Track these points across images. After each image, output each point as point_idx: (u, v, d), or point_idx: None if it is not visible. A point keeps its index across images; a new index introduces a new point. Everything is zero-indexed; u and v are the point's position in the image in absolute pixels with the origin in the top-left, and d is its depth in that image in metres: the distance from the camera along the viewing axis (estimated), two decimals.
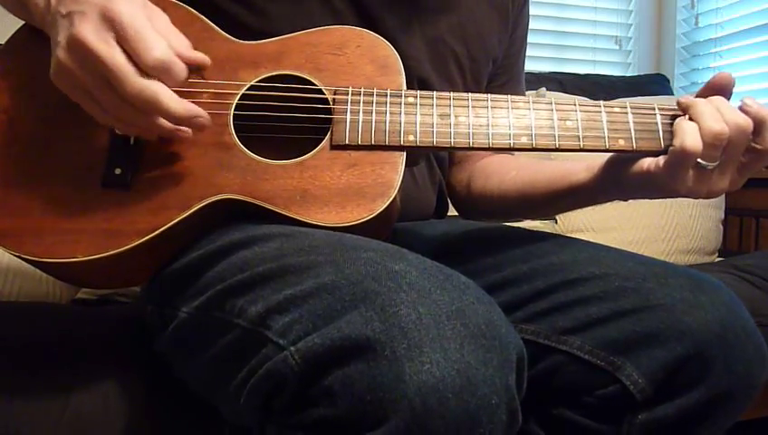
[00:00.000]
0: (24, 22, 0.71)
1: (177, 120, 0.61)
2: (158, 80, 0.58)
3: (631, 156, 0.68)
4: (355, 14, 0.78)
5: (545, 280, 0.67)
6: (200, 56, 0.64)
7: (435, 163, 0.91)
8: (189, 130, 0.63)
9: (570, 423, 0.65)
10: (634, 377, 0.61)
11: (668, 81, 2.05)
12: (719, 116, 0.63)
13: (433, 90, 0.81)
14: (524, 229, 0.80)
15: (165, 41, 0.59)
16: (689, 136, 0.63)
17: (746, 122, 0.63)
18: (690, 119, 0.64)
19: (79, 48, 0.57)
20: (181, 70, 0.60)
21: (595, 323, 0.63)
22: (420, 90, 0.80)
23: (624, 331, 0.62)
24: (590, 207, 1.60)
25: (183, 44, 0.62)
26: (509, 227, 0.83)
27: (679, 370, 0.60)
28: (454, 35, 0.84)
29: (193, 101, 0.62)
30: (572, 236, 1.51)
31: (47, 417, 0.70)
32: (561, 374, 0.65)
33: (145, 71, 0.58)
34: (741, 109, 0.65)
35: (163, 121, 0.61)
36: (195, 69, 0.64)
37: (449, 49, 0.84)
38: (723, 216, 1.71)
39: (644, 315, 0.61)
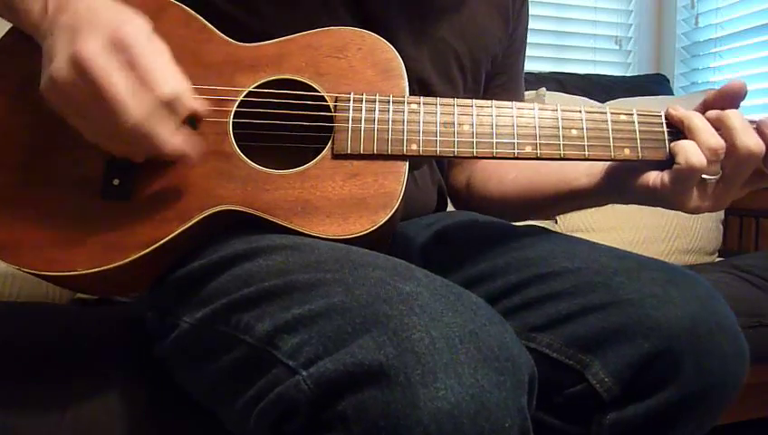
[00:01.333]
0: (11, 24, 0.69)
1: (168, 157, 0.60)
2: (162, 113, 0.57)
3: (635, 165, 0.67)
4: (355, 14, 0.77)
5: (518, 274, 0.66)
6: (200, 105, 0.61)
7: (435, 163, 0.91)
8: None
9: (539, 423, 0.63)
10: (600, 375, 0.60)
11: (668, 81, 2.05)
12: (714, 131, 0.63)
13: (433, 90, 0.80)
14: (508, 224, 0.79)
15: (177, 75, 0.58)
16: (693, 153, 0.62)
17: (759, 148, 0.62)
18: (685, 135, 0.64)
19: (80, 66, 0.54)
20: (185, 108, 0.59)
21: (564, 320, 0.62)
22: (420, 90, 0.78)
23: (592, 327, 0.61)
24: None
25: (186, 87, 0.60)
26: (498, 220, 0.82)
27: (647, 368, 0.59)
28: (455, 35, 0.83)
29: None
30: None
31: (47, 417, 0.70)
32: None
33: (156, 101, 0.56)
34: (757, 128, 0.64)
35: (154, 151, 0.59)
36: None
37: (451, 49, 0.83)
38: (723, 216, 1.71)
39: (612, 311, 0.60)
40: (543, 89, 1.68)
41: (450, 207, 0.98)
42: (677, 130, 0.66)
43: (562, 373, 0.62)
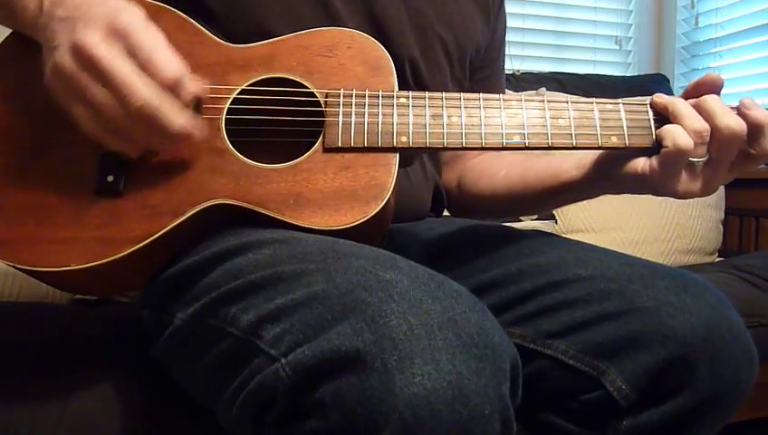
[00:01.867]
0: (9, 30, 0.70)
1: (176, 134, 0.60)
2: (167, 95, 0.58)
3: (623, 153, 0.68)
4: (346, 2, 0.77)
5: (532, 281, 0.66)
6: (200, 89, 0.63)
7: (429, 162, 0.91)
8: (179, 145, 0.63)
9: (556, 429, 0.65)
10: (617, 382, 0.60)
11: (668, 81, 2.05)
12: (698, 115, 0.63)
13: (422, 76, 0.81)
14: (515, 229, 0.79)
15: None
16: (680, 136, 0.63)
17: (740, 127, 0.63)
18: (671, 121, 0.65)
19: (84, 53, 0.56)
20: (190, 90, 0.60)
21: (580, 327, 0.62)
22: (411, 72, 0.80)
23: (608, 334, 0.61)
24: (590, 208, 1.60)
25: (186, 71, 0.61)
26: (501, 226, 0.82)
27: (663, 375, 0.59)
28: (441, 24, 0.84)
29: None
30: (572, 236, 1.52)
31: (47, 417, 0.70)
32: (546, 379, 0.64)
33: (159, 85, 0.57)
34: (738, 111, 0.64)
35: (158, 136, 0.60)
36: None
37: (438, 37, 0.84)
38: (723, 216, 1.71)
39: (628, 318, 0.61)
40: (543, 89, 1.68)
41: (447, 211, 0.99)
42: (663, 117, 0.66)
43: (578, 380, 0.62)
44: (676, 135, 0.63)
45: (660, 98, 0.67)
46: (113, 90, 0.57)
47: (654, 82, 2.00)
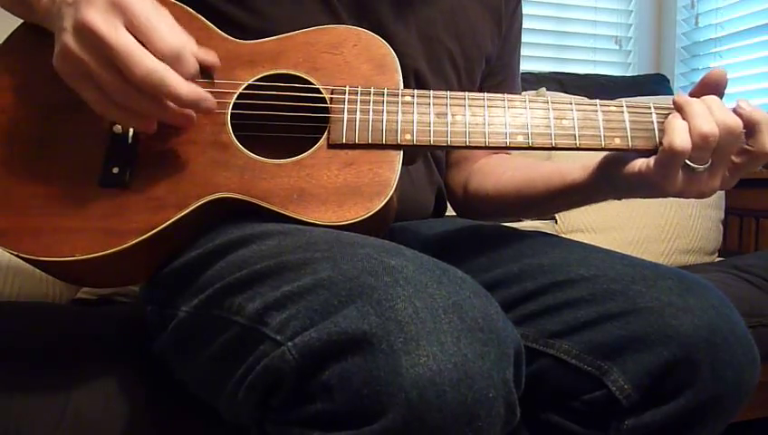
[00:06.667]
0: (20, 21, 0.71)
1: (184, 103, 0.60)
2: (171, 64, 0.58)
3: (626, 155, 0.68)
4: (353, 13, 0.78)
5: (534, 281, 0.67)
6: (211, 56, 0.63)
7: (433, 164, 0.91)
8: (193, 115, 0.63)
9: (557, 428, 0.65)
10: (620, 382, 0.61)
11: (668, 81, 2.06)
12: (711, 117, 0.63)
13: (428, 85, 0.81)
14: (517, 229, 0.80)
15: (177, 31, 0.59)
16: (678, 135, 0.62)
17: (736, 123, 0.63)
18: (683, 118, 0.64)
19: (86, 32, 0.57)
20: (193, 62, 0.60)
21: (582, 327, 0.63)
22: (416, 84, 0.80)
23: (611, 335, 0.61)
24: (590, 208, 1.60)
25: (192, 41, 0.61)
26: (503, 226, 0.83)
27: (666, 375, 0.59)
28: (449, 34, 0.85)
29: None
30: (572, 236, 1.52)
31: (47, 417, 0.70)
32: (548, 378, 0.64)
33: (157, 56, 0.57)
34: (734, 110, 0.64)
35: (167, 107, 0.60)
36: (204, 70, 0.63)
37: (444, 47, 0.84)
38: (723, 216, 1.71)
39: (631, 319, 0.61)
40: (543, 89, 1.68)
41: (450, 212, 0.99)
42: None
43: (581, 379, 0.63)
44: (674, 133, 0.63)
45: (681, 97, 0.66)
46: (115, 62, 0.57)
47: (654, 82, 2.00)
